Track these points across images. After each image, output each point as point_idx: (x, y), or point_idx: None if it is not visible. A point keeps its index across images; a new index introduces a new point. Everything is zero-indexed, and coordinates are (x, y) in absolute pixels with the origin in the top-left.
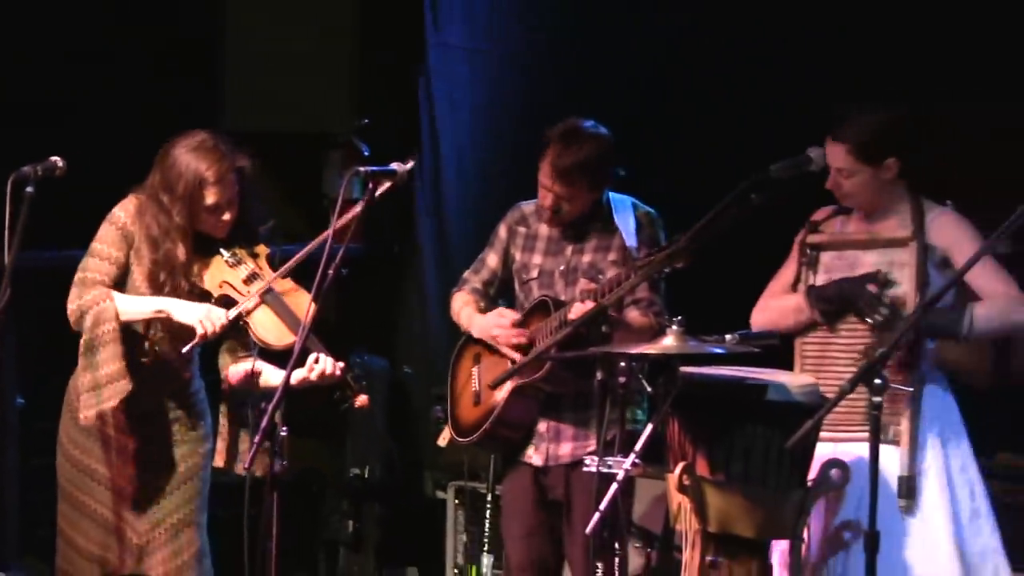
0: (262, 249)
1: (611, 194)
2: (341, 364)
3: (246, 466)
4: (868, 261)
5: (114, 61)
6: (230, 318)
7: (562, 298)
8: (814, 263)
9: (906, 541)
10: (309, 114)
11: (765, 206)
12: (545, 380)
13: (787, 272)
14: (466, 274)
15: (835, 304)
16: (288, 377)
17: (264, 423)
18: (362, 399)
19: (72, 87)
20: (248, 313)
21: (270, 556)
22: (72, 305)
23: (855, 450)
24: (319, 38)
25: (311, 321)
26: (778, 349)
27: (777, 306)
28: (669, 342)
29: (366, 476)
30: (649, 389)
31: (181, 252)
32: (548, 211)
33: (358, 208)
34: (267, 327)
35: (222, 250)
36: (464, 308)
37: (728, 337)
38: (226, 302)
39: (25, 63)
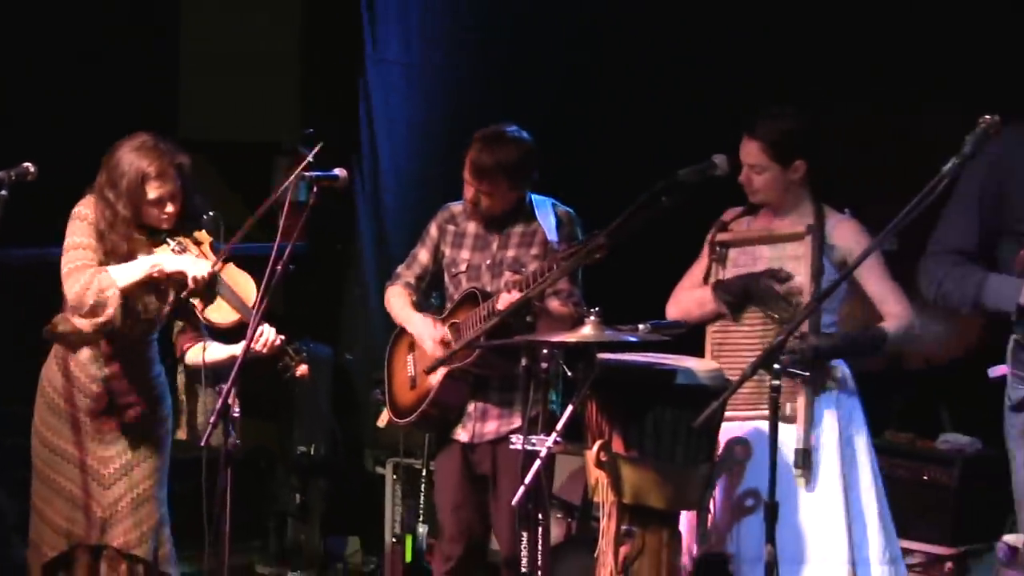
0: (204, 236)
1: (533, 195)
2: (282, 336)
3: (202, 443)
4: (767, 255)
5: (91, 73)
6: (209, 272)
7: (489, 289)
8: (722, 259)
9: (802, 509)
10: (259, 124)
11: (674, 207)
12: (474, 365)
13: (698, 267)
14: (399, 269)
15: (739, 298)
16: (242, 360)
17: (219, 404)
18: (303, 368)
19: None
20: (202, 283)
21: (224, 526)
22: (71, 292)
23: (756, 426)
24: (267, 56)
25: (260, 300)
26: (686, 337)
27: (688, 298)
28: (587, 331)
29: (312, 453)
30: (569, 374)
31: (125, 245)
32: (470, 204)
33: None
34: (213, 308)
35: (168, 239)
36: (397, 300)
37: (641, 326)
38: (178, 286)
39: None
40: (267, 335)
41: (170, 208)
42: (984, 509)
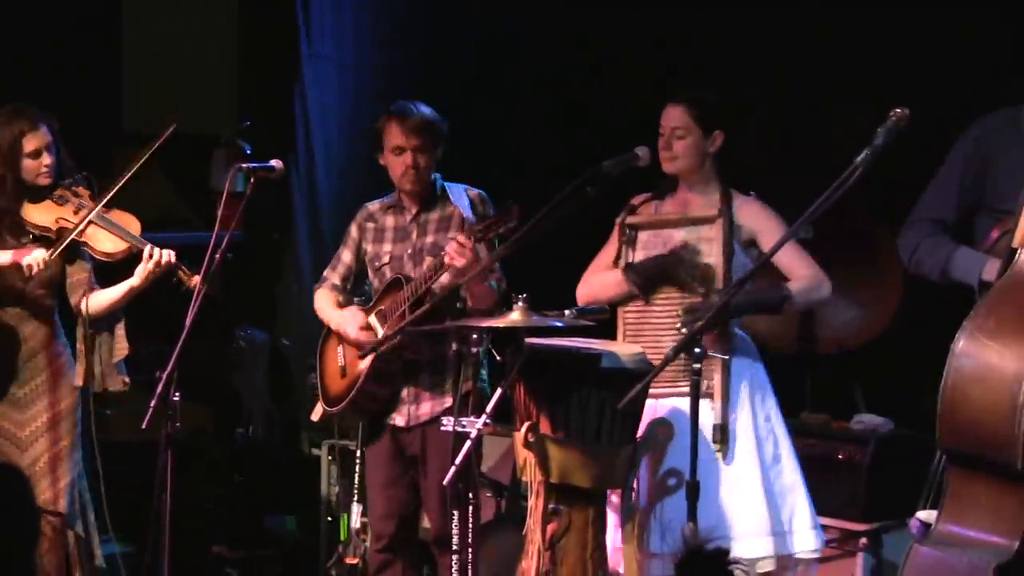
0: (83, 190)
1: (445, 182)
2: (172, 252)
3: (144, 426)
4: (679, 237)
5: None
6: (44, 258)
7: (412, 276)
8: (632, 241)
9: (720, 483)
10: (198, 117)
11: (599, 197)
12: (404, 348)
13: (608, 251)
14: (326, 272)
15: (653, 278)
16: (179, 351)
17: (159, 389)
18: (195, 279)
19: None
20: (81, 234)
21: (165, 507)
22: None
23: (676, 403)
24: (207, 52)
25: (200, 286)
26: (610, 322)
27: (598, 280)
28: (516, 316)
29: (250, 435)
30: (499, 358)
31: (8, 202)
32: (411, 171)
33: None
34: (102, 242)
35: (50, 194)
36: (322, 302)
37: (567, 312)
38: (61, 233)
39: None
40: (157, 255)
41: (46, 159)
42: (896, 487)
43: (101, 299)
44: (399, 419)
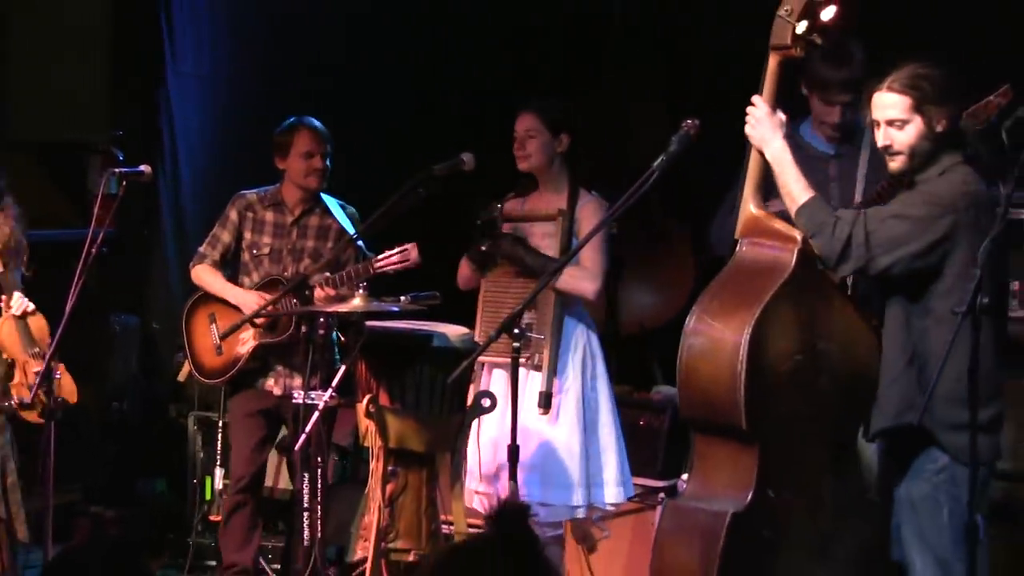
0: None
1: (322, 195)
2: None
3: (27, 401)
4: (530, 231)
5: None
6: None
7: (289, 271)
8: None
9: (546, 443)
10: (75, 126)
11: (429, 197)
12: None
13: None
14: (203, 249)
15: (482, 259)
16: (60, 334)
17: (42, 369)
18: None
19: None
20: None
21: (49, 471)
22: None
23: (505, 374)
24: (83, 67)
25: (78, 279)
26: (441, 307)
27: (462, 267)
28: (357, 303)
29: (124, 408)
30: (342, 339)
31: None
32: (319, 172)
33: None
34: None
35: None
36: (210, 276)
37: (403, 298)
38: None
39: None
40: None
41: None
42: (689, 449)
43: None
44: (276, 388)
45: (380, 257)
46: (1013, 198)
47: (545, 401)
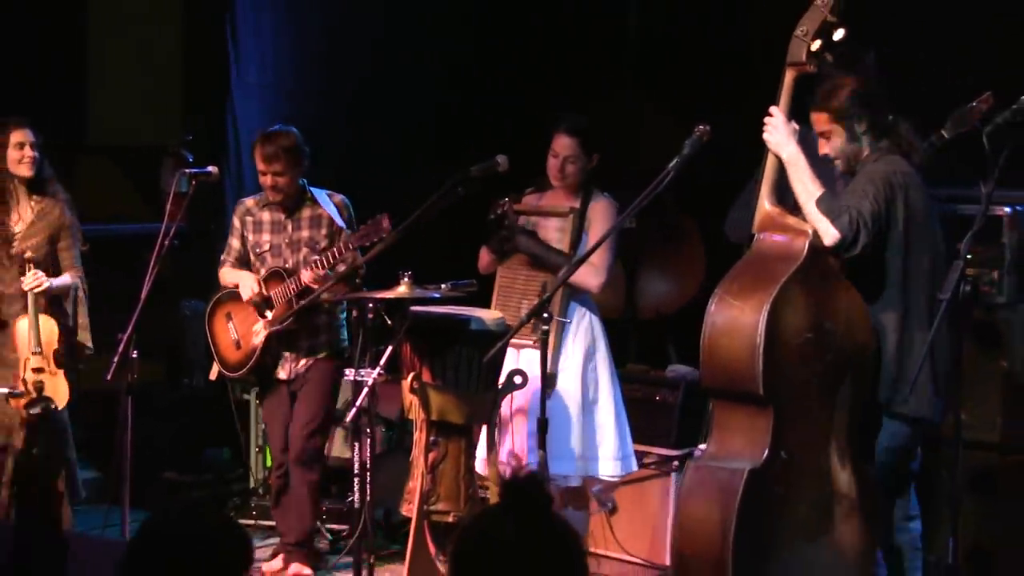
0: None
1: (311, 187)
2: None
3: (108, 378)
4: (545, 225)
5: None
6: None
7: (290, 263)
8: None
9: (557, 419)
10: (150, 131)
11: (467, 196)
12: (293, 324)
13: None
14: (223, 256)
15: (504, 250)
16: (136, 317)
17: (121, 348)
18: None
19: None
20: None
21: (126, 442)
22: None
23: (530, 355)
24: (157, 78)
25: (152, 268)
26: (478, 294)
27: (482, 254)
28: (402, 289)
29: (192, 384)
30: (390, 322)
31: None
32: (270, 189)
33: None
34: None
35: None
36: (228, 271)
37: (443, 286)
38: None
39: None
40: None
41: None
42: (700, 421)
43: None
44: (282, 373)
45: (355, 233)
46: (992, 196)
47: (550, 381)
